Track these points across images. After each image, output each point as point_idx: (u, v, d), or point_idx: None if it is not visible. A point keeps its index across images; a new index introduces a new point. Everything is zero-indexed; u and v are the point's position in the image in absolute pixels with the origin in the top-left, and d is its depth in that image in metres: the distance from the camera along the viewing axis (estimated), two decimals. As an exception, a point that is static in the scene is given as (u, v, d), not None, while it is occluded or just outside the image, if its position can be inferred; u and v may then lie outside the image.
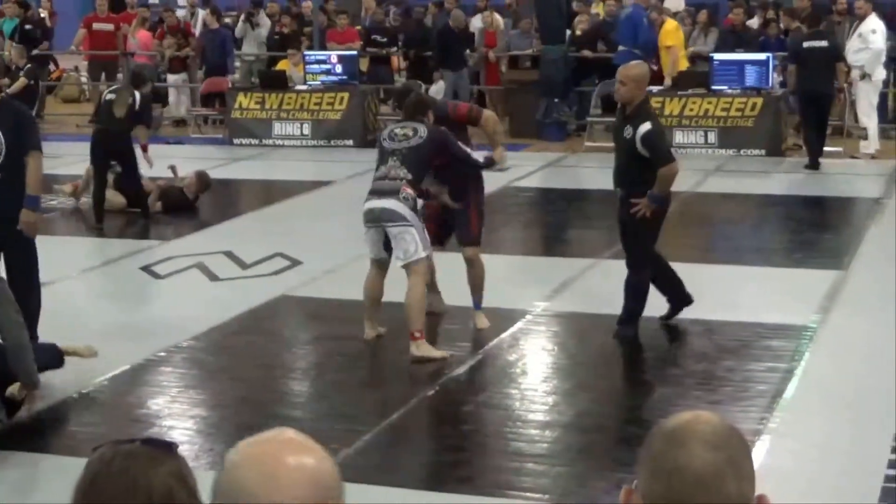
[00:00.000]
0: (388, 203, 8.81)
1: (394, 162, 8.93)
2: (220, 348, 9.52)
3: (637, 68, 9.54)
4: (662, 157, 9.03)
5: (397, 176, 8.88)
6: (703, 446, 2.28)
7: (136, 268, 11.97)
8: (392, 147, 9.00)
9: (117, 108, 13.61)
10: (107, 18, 22.87)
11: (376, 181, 8.99)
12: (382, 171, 8.98)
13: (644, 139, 8.94)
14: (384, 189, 8.89)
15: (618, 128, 9.37)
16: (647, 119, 9.09)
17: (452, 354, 8.98)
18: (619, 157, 9.33)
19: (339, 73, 19.53)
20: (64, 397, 8.33)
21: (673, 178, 9.10)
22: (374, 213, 8.90)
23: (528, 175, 16.63)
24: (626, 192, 9.21)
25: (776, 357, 8.92)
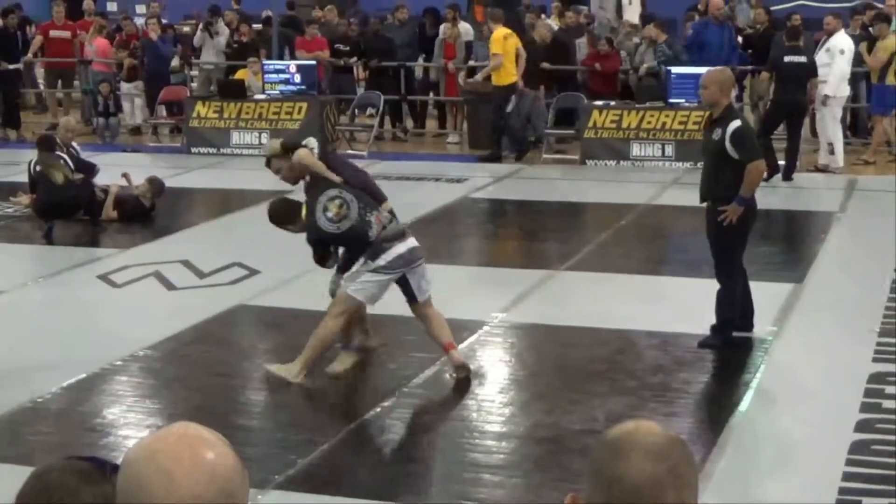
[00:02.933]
0: (415, 241, 8.88)
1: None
2: (176, 357, 9.48)
3: (720, 73, 9.76)
4: (751, 153, 9.20)
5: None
6: (645, 456, 2.30)
7: (93, 276, 11.91)
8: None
9: (56, 176, 13.66)
10: (64, 26, 22.77)
11: (394, 223, 8.90)
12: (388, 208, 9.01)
13: (733, 135, 9.13)
14: (404, 228, 8.97)
15: (708, 134, 9.54)
16: (735, 118, 9.29)
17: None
18: (707, 164, 9.52)
19: (298, 83, 19.51)
20: (18, 405, 8.28)
21: (760, 175, 9.31)
22: (416, 253, 8.84)
23: (484, 186, 16.67)
24: (713, 202, 9.35)
25: (732, 369, 8.98)
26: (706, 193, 9.48)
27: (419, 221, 14.41)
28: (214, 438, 2.11)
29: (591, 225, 14.96)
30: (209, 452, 2.08)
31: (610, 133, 17.96)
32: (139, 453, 2.08)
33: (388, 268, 8.65)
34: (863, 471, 7.01)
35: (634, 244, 13.27)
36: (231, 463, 2.09)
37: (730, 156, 9.18)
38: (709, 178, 9.43)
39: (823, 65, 17.03)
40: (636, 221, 14.14)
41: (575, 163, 18.31)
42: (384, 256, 8.61)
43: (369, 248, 8.63)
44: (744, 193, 9.21)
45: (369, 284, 8.66)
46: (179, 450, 2.07)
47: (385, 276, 8.69)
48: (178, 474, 2.03)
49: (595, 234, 13.89)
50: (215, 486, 2.05)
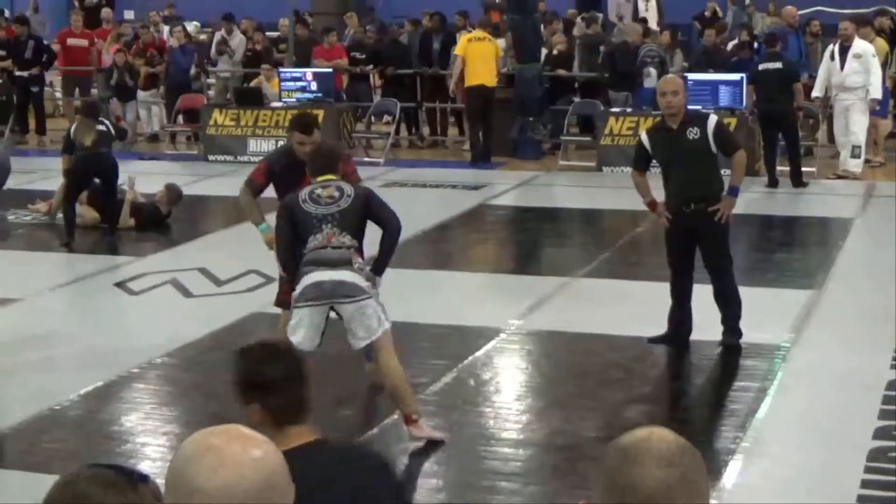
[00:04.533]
0: (342, 275, 7.50)
1: (330, 228, 7.61)
2: (193, 365, 9.50)
3: (678, 78, 9.72)
4: (734, 144, 9.27)
5: (341, 244, 7.61)
6: (657, 463, 2.31)
7: (111, 284, 11.95)
8: (321, 212, 7.66)
9: (85, 139, 13.55)
10: (81, 34, 22.85)
11: (315, 251, 7.59)
12: (320, 238, 7.60)
13: (717, 130, 9.11)
14: (332, 259, 7.55)
15: (672, 142, 9.25)
16: (707, 114, 9.32)
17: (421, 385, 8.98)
18: (685, 169, 9.24)
19: (315, 91, 19.55)
20: (36, 413, 8.30)
21: (745, 162, 9.35)
22: (326, 288, 7.47)
23: (502, 193, 16.68)
24: (702, 203, 9.25)
25: (749, 376, 8.97)
26: (694, 196, 9.29)
27: (436, 228, 14.46)
28: (263, 439, 2.30)
29: (607, 232, 14.95)
30: (257, 450, 2.26)
31: (626, 140, 17.93)
32: (192, 444, 2.26)
33: (302, 297, 7.55)
34: (881, 478, 6.99)
35: (651, 251, 13.21)
36: (277, 460, 2.27)
37: (711, 153, 9.12)
38: (693, 183, 9.26)
39: (855, 72, 16.96)
40: (652, 228, 14.03)
41: (592, 169, 18.31)
42: (300, 283, 7.57)
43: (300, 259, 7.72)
44: (736, 184, 9.23)
45: (294, 321, 7.63)
46: (230, 443, 2.25)
47: (303, 309, 7.57)
48: (226, 463, 2.21)
49: (612, 241, 13.89)
50: (260, 476, 2.22)
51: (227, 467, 2.21)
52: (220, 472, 2.20)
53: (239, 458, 2.23)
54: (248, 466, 2.22)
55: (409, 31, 22.49)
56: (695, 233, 9.35)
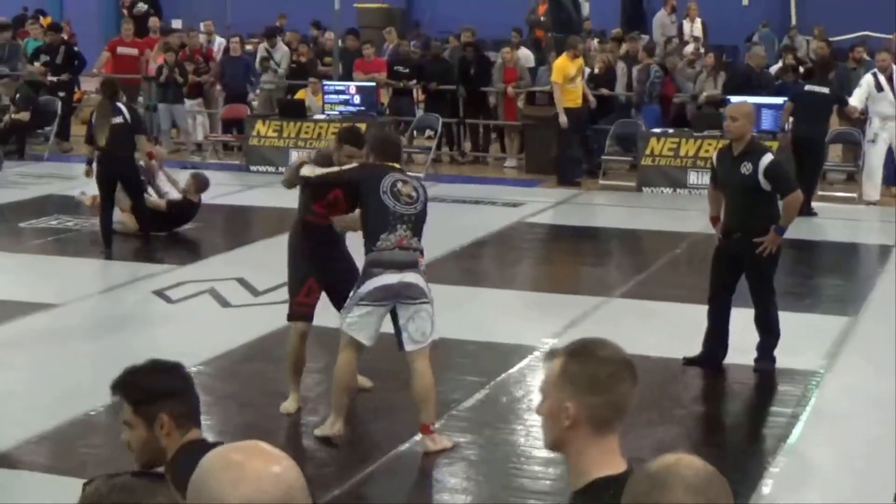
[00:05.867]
0: (410, 277, 7.71)
1: (404, 231, 7.73)
2: (228, 374, 9.57)
3: (747, 105, 9.71)
4: (788, 186, 9.21)
5: (411, 246, 7.75)
6: (684, 490, 2.34)
7: (149, 292, 12.04)
8: (399, 211, 7.73)
9: (99, 137, 13.46)
10: (131, 43, 23.06)
11: (387, 251, 7.69)
12: (392, 239, 7.69)
13: (768, 170, 9.09)
14: (402, 261, 7.70)
15: (729, 169, 9.34)
16: (765, 151, 9.27)
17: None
18: (735, 198, 9.34)
19: (358, 104, 19.64)
20: (72, 418, 8.39)
21: (798, 205, 9.34)
22: (394, 289, 7.69)
23: (541, 211, 16.70)
24: (746, 234, 9.28)
25: (783, 402, 8.96)
26: (739, 227, 9.38)
27: (474, 245, 14.50)
28: (283, 455, 2.38)
29: (645, 252, 14.94)
30: (276, 466, 2.35)
31: (667, 161, 17.94)
32: (214, 459, 2.35)
33: (368, 298, 7.75)
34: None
35: (688, 273, 13.23)
36: (295, 475, 2.36)
37: (762, 189, 9.13)
38: (740, 213, 9.34)
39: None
40: (691, 250, 14.11)
41: (631, 189, 18.31)
42: (368, 283, 7.73)
43: (367, 255, 7.80)
44: (784, 224, 9.20)
45: (356, 318, 7.81)
46: (251, 459, 2.34)
47: (366, 308, 7.78)
48: (247, 478, 2.30)
49: (649, 261, 13.89)
50: (279, 491, 2.30)
51: (249, 482, 2.28)
52: (240, 486, 2.28)
53: (260, 473, 2.30)
54: (268, 481, 2.30)
55: (453, 47, 22.56)
56: (739, 260, 9.40)
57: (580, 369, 3.19)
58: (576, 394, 3.18)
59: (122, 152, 13.53)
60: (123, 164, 13.61)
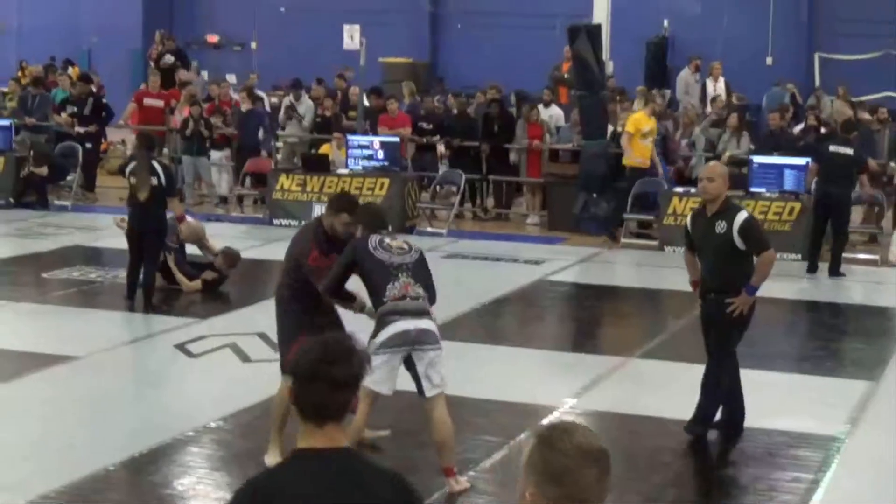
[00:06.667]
0: (425, 324, 7.95)
1: (406, 278, 8.00)
2: (248, 431, 9.55)
3: (722, 166, 9.76)
4: (761, 244, 9.18)
5: (418, 294, 8.02)
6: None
7: (171, 345, 12.06)
8: (396, 261, 8.03)
9: (140, 192, 13.44)
10: (158, 95, 23.25)
11: (395, 301, 7.92)
12: (398, 288, 7.96)
13: (742, 227, 9.09)
14: (413, 309, 7.95)
15: (704, 229, 9.36)
16: (739, 210, 9.27)
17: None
18: (710, 258, 9.35)
19: (381, 159, 19.72)
20: (90, 473, 8.39)
21: (771, 265, 9.25)
22: (411, 336, 7.88)
23: (562, 269, 16.69)
24: (719, 294, 9.24)
25: (802, 467, 8.90)
26: (711, 286, 9.35)
27: (495, 302, 14.50)
28: None
29: (667, 312, 14.90)
30: None
31: (689, 220, 17.91)
32: None
33: (386, 345, 7.90)
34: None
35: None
36: None
37: (737, 248, 9.13)
38: (714, 273, 9.32)
39: None
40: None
41: (654, 248, 18.30)
42: (385, 331, 7.89)
43: (380, 308, 7.99)
44: (756, 284, 9.17)
45: (375, 368, 7.75)
46: None
47: (384, 356, 7.90)
48: None
49: (671, 321, 13.85)
50: None
51: None
52: None
53: None
54: None
55: (477, 104, 22.67)
56: (711, 322, 9.37)
57: (540, 458, 3.14)
58: (536, 483, 3.14)
59: (155, 211, 13.56)
60: (153, 222, 13.63)
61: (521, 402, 10.24)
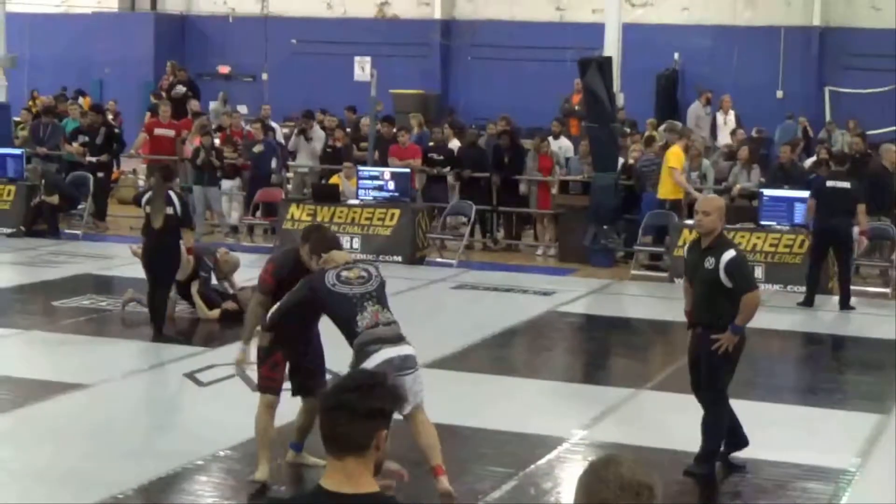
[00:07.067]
0: (405, 350, 8.08)
1: (373, 306, 8.10)
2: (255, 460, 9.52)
3: (719, 199, 9.76)
4: (746, 284, 9.13)
5: (389, 319, 8.14)
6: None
7: (180, 374, 12.06)
8: (358, 292, 8.11)
9: (155, 221, 13.46)
10: (169, 125, 23.33)
11: (370, 329, 8.02)
12: (368, 317, 8.05)
13: (728, 266, 9.07)
14: (391, 336, 8.06)
15: (696, 261, 9.37)
16: (729, 247, 9.27)
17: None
18: (699, 291, 9.34)
19: (392, 190, 19.75)
20: (99, 501, 8.37)
21: (756, 306, 9.19)
22: (395, 364, 7.93)
23: (572, 301, 16.68)
24: (706, 328, 9.24)
25: (813, 500, 8.88)
26: (698, 319, 9.37)
27: (504, 333, 14.49)
28: None
29: (677, 344, 14.76)
30: None
31: (700, 252, 17.90)
32: None
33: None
34: None
35: (720, 366, 13.17)
36: None
37: (724, 285, 9.12)
38: (702, 307, 9.31)
39: None
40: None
41: (664, 280, 18.29)
42: (370, 361, 7.92)
43: (354, 340, 8.07)
44: (740, 323, 9.14)
45: None
46: None
47: None
48: None
49: (681, 353, 13.67)
50: None
51: None
52: None
53: None
54: None
55: (488, 135, 22.71)
56: (699, 359, 9.35)
57: (584, 485, 3.19)
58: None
59: (168, 241, 13.57)
60: (166, 251, 13.65)
61: (530, 433, 10.22)
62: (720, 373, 9.31)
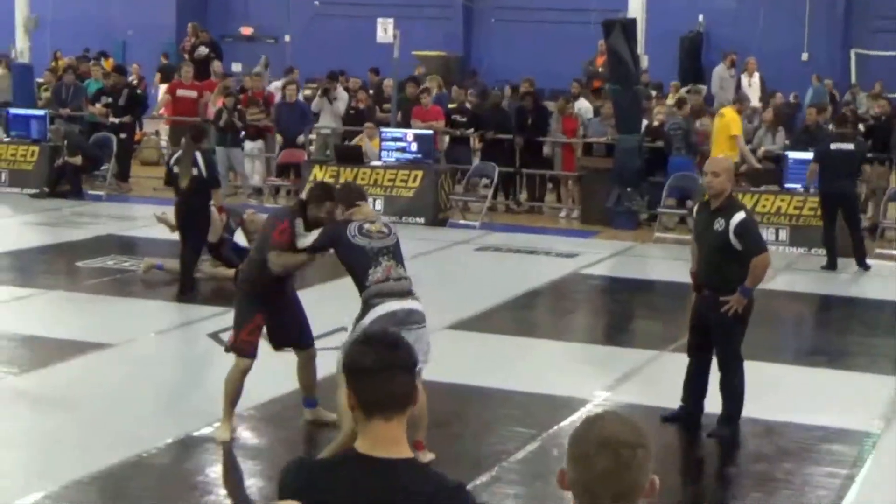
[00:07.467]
0: (411, 304, 8.04)
1: (387, 261, 8.10)
2: (280, 420, 9.57)
3: (728, 160, 9.65)
4: (756, 247, 9.07)
5: (400, 275, 8.13)
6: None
7: (204, 334, 12.08)
8: (376, 245, 8.13)
9: (182, 181, 13.56)
10: (191, 86, 23.31)
11: (379, 283, 8.01)
12: (381, 272, 8.05)
13: (738, 228, 9.00)
14: (399, 290, 8.05)
15: (705, 223, 9.30)
16: (739, 209, 9.17)
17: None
18: (707, 254, 9.28)
19: (415, 152, 19.70)
20: (123, 460, 8.41)
21: (765, 268, 9.14)
22: (399, 317, 7.89)
23: (596, 263, 16.64)
24: (714, 292, 9.18)
25: (837, 462, 8.85)
26: (706, 282, 9.31)
27: (527, 295, 14.47)
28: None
29: (700, 307, 14.82)
30: None
31: (724, 215, 17.83)
32: None
33: (373, 325, 7.83)
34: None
35: (743, 329, 13.14)
36: None
37: (733, 247, 9.05)
38: (710, 269, 9.25)
39: None
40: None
41: (687, 242, 18.18)
42: (372, 313, 7.94)
43: (364, 290, 8.07)
44: (749, 286, 9.08)
45: None
46: None
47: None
48: None
49: (704, 316, 13.77)
50: None
51: None
52: None
53: None
54: None
55: (510, 97, 22.64)
56: (707, 319, 9.29)
57: (571, 441, 3.16)
58: (566, 465, 3.16)
59: (195, 201, 13.63)
60: (195, 213, 13.74)
61: (553, 394, 10.21)
62: (733, 335, 9.26)
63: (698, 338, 9.48)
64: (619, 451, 3.09)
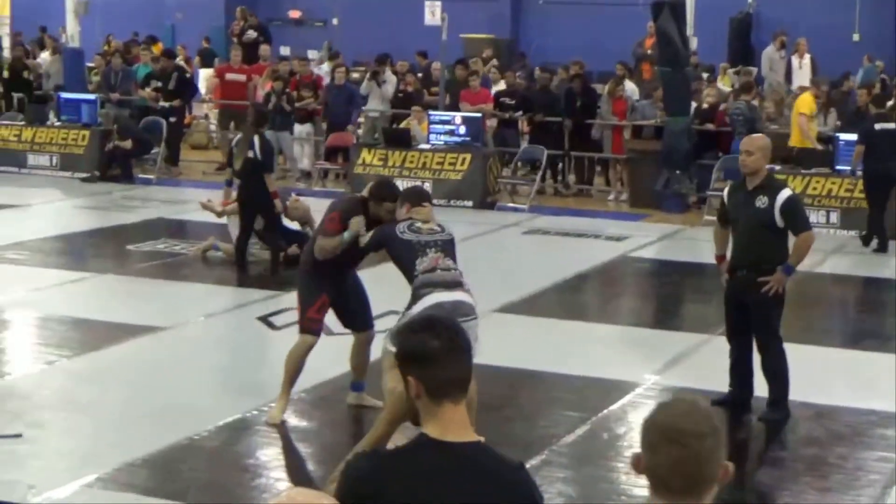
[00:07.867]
0: (459, 295, 7.86)
1: (435, 252, 7.98)
2: (330, 403, 9.61)
3: (763, 139, 9.52)
4: (803, 224, 9.00)
5: (448, 266, 7.99)
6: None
7: (254, 317, 12.12)
8: (424, 239, 8.05)
9: (237, 160, 13.96)
10: (239, 70, 23.36)
11: (427, 273, 7.90)
12: (427, 262, 7.94)
13: (785, 205, 8.90)
14: (447, 280, 7.91)
15: (743, 203, 9.19)
16: (783, 187, 9.10)
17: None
18: (745, 233, 9.18)
19: (463, 135, 19.68)
20: (175, 442, 8.47)
21: (809, 247, 9.07)
22: (446, 308, 7.63)
23: (644, 246, 16.59)
24: (751, 272, 9.10)
25: (889, 446, 8.79)
26: (743, 262, 9.20)
27: (576, 278, 14.45)
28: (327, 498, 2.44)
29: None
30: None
31: (773, 197, 17.71)
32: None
33: None
34: None
35: (793, 312, 12.97)
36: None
37: (776, 225, 8.95)
38: (748, 249, 9.15)
39: None
40: (796, 289, 13.79)
41: (737, 226, 18.09)
42: (419, 304, 7.82)
43: (413, 282, 7.99)
44: (793, 263, 8.99)
45: None
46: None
47: None
48: None
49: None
50: None
51: None
52: None
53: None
54: None
55: (560, 79, 22.57)
56: (744, 299, 9.20)
57: (643, 426, 3.16)
58: (641, 447, 3.16)
59: (249, 183, 14.01)
60: (254, 195, 14.02)
61: (602, 377, 10.20)
62: (772, 315, 9.20)
63: (737, 320, 9.41)
64: (687, 442, 3.07)
